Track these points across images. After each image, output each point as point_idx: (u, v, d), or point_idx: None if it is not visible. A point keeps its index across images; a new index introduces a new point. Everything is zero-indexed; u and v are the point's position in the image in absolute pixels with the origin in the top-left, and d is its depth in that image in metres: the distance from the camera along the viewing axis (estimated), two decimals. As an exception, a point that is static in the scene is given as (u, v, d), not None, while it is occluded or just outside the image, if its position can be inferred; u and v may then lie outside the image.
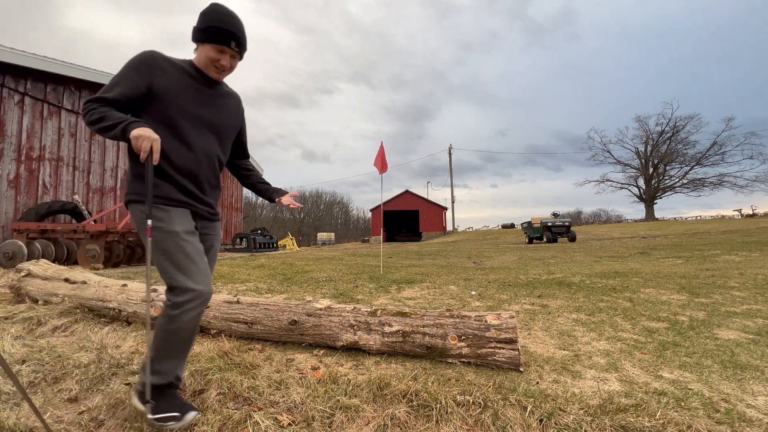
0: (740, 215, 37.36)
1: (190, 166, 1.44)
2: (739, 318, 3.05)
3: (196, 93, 1.46)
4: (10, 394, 1.69)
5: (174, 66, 1.44)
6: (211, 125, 1.50)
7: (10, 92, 8.02)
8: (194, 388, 1.75)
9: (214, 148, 1.52)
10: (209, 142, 1.50)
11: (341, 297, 4.09)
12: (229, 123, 1.59)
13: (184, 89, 1.43)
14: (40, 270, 3.60)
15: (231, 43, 1.42)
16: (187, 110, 1.43)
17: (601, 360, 2.18)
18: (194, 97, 1.45)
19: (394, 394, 1.64)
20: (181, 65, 1.46)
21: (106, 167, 10.40)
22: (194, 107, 1.45)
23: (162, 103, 1.38)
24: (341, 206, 77.74)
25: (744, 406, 1.62)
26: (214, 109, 1.51)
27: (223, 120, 1.55)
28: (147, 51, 1.42)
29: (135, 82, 1.36)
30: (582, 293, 4.18)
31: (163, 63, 1.41)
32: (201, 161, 1.47)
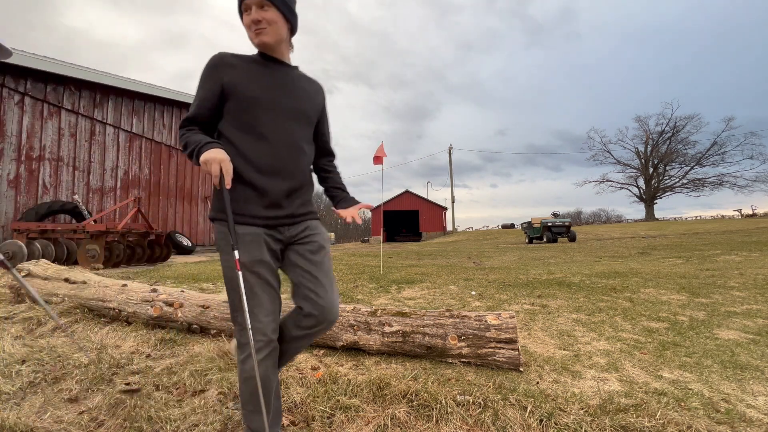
0: (740, 215, 37.36)
1: (269, 161, 1.26)
2: (739, 318, 3.05)
3: (267, 78, 1.31)
4: (10, 394, 1.69)
5: (242, 59, 1.33)
6: (288, 111, 1.32)
7: (10, 92, 8.02)
8: (194, 388, 1.75)
9: (296, 137, 1.32)
10: (289, 130, 1.31)
11: (341, 297, 4.10)
12: (309, 108, 1.37)
13: (255, 77, 1.30)
14: (40, 270, 3.60)
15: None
16: (260, 98, 1.29)
17: (601, 360, 2.18)
18: (266, 83, 1.31)
19: (394, 394, 1.64)
20: (248, 57, 1.36)
21: (106, 167, 10.41)
22: (267, 93, 1.30)
23: (235, 99, 1.28)
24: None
25: (744, 406, 1.62)
26: (289, 94, 1.33)
27: (301, 105, 1.35)
28: (215, 54, 1.33)
29: (209, 88, 1.28)
30: (582, 293, 4.18)
31: (231, 59, 1.32)
32: (281, 153, 1.28)
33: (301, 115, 1.35)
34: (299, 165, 1.32)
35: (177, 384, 1.79)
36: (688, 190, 41.44)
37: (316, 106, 1.42)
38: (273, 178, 1.26)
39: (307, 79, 1.42)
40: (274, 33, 1.29)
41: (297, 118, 1.33)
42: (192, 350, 2.26)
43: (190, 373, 1.87)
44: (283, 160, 1.29)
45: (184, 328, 2.57)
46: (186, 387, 1.76)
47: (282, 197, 1.28)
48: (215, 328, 2.48)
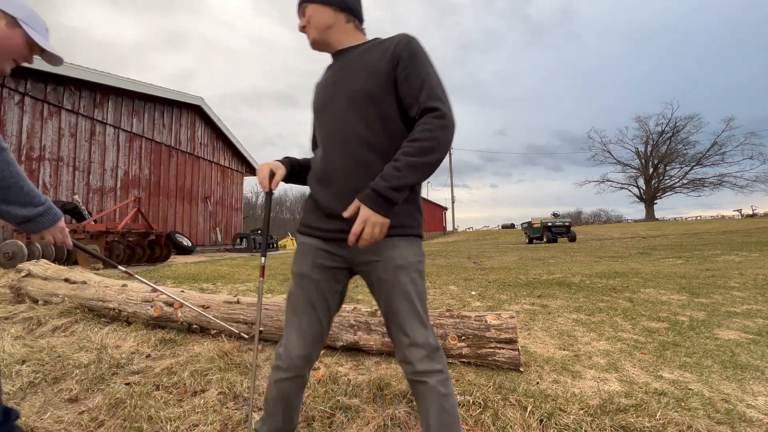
0: (740, 215, 37.37)
1: (321, 166, 1.15)
2: (739, 318, 3.05)
3: (326, 81, 1.22)
4: (10, 394, 1.69)
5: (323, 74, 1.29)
6: (342, 103, 1.14)
7: (11, 92, 8.02)
8: (194, 389, 1.75)
9: (349, 130, 1.10)
10: (342, 125, 1.12)
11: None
12: (367, 83, 1.10)
13: (319, 88, 1.25)
14: (40, 270, 3.60)
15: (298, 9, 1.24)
16: (317, 107, 1.21)
17: (601, 360, 2.18)
18: (323, 89, 1.22)
19: (394, 394, 1.65)
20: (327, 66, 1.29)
21: (106, 167, 10.41)
22: (321, 97, 1.21)
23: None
24: (341, 206, 77.62)
25: (744, 406, 1.62)
26: (345, 81, 1.16)
27: (356, 84, 1.12)
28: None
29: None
30: (582, 293, 4.18)
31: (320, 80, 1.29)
32: (332, 156, 1.12)
33: (358, 96, 1.11)
34: (358, 164, 1.08)
35: (177, 384, 1.79)
36: (688, 190, 41.50)
37: (381, 72, 1.09)
38: (324, 185, 1.13)
39: (375, 46, 1.16)
40: (314, 27, 1.19)
41: (352, 104, 1.12)
42: (192, 350, 2.26)
43: (190, 373, 1.87)
44: (334, 163, 1.12)
45: (184, 328, 2.57)
46: (186, 387, 1.76)
47: (336, 205, 1.07)
48: (215, 328, 2.48)
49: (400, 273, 1.04)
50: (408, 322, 1.05)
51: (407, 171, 0.97)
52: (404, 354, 1.06)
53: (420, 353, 1.03)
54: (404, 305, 1.05)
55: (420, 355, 1.03)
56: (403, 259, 1.05)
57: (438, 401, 1.03)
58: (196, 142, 14.44)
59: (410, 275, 1.05)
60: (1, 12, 1.06)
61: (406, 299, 1.04)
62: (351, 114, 1.11)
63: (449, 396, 1.04)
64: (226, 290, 4.38)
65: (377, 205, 0.96)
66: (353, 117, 1.10)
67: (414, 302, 1.05)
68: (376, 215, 0.96)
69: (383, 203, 0.96)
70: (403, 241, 1.07)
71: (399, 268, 1.04)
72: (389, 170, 0.98)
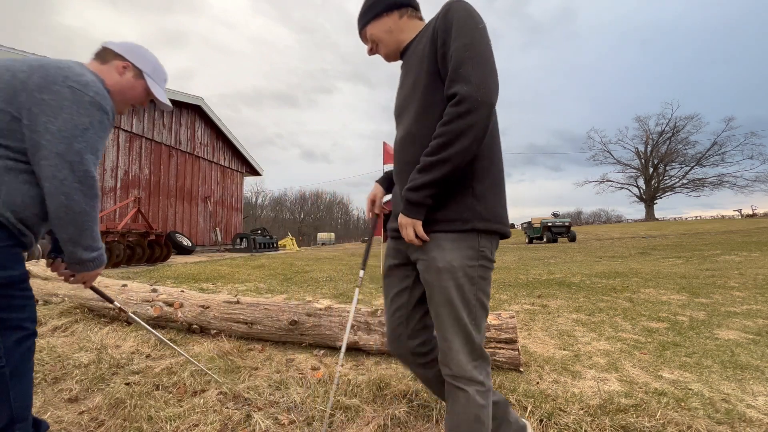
0: (740, 215, 37.38)
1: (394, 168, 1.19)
2: (739, 318, 3.05)
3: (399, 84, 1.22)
4: (10, 394, 1.69)
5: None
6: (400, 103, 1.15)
7: (10, 92, 8.03)
8: (194, 389, 1.75)
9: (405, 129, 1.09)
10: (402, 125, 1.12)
11: (341, 297, 4.09)
12: (419, 67, 1.06)
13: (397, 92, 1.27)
14: (40, 270, 3.60)
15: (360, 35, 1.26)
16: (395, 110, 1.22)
17: (601, 360, 2.18)
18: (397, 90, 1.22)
19: (394, 394, 1.65)
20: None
21: (106, 167, 10.41)
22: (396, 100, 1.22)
23: None
24: (341, 206, 77.83)
25: (744, 406, 1.62)
26: (403, 81, 1.16)
27: (412, 74, 1.09)
28: None
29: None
30: (582, 293, 4.19)
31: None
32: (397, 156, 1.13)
33: (414, 86, 1.07)
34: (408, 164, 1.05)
35: (177, 384, 1.79)
36: (688, 190, 41.50)
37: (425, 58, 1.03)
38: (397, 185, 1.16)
39: (424, 30, 1.12)
40: (380, 42, 1.19)
41: (411, 94, 1.08)
42: (192, 350, 2.27)
43: (190, 373, 1.87)
44: (399, 162, 1.12)
45: (184, 328, 2.57)
46: (186, 387, 1.76)
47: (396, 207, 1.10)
48: (215, 328, 2.48)
49: (443, 276, 0.99)
50: (448, 328, 1.01)
51: (425, 171, 0.95)
52: (442, 357, 1.04)
53: (458, 360, 1.00)
54: (444, 310, 1.01)
55: (458, 362, 1.00)
56: (445, 261, 0.99)
57: (473, 411, 0.99)
58: (196, 142, 14.44)
59: (456, 279, 0.99)
60: (131, 64, 1.25)
61: (447, 304, 1.00)
62: (408, 113, 1.08)
63: (484, 408, 1.00)
64: (226, 290, 4.38)
65: (404, 206, 0.99)
66: (409, 116, 1.08)
67: (456, 308, 0.99)
68: (403, 216, 0.99)
69: (407, 204, 0.98)
70: (448, 238, 1.00)
71: (441, 271, 0.99)
72: (414, 171, 0.98)
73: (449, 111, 0.93)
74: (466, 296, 1.00)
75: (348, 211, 79.92)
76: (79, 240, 1.09)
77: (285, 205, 66.67)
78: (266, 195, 62.34)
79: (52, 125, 0.99)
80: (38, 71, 1.01)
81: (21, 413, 1.07)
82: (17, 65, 1.02)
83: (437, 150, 0.94)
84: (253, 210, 56.21)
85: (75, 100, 1.02)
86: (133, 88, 1.27)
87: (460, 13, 0.97)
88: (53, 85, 1.00)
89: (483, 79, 0.91)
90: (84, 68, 1.11)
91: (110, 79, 1.21)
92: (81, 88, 1.03)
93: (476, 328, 1.01)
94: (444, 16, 0.99)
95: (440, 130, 0.94)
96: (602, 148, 45.95)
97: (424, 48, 1.05)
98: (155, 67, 1.33)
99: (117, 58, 1.25)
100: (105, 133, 1.11)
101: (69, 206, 1.02)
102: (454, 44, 0.95)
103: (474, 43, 0.94)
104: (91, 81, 1.08)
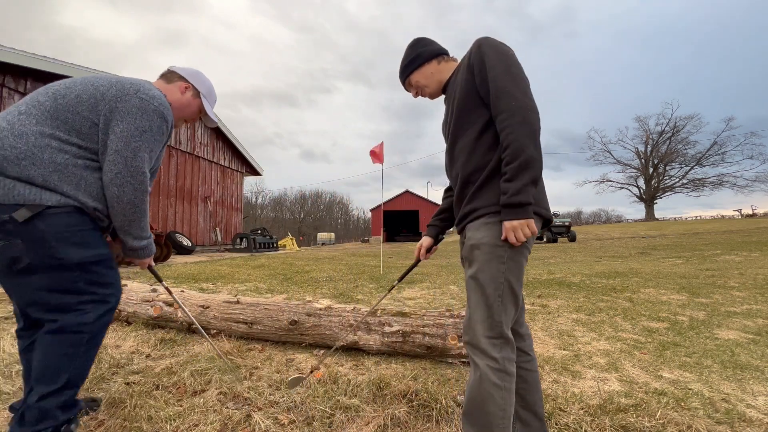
0: (740, 215, 37.38)
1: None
2: (739, 318, 3.05)
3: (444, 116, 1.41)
4: (10, 394, 1.69)
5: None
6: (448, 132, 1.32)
7: (11, 92, 8.02)
8: (194, 389, 1.75)
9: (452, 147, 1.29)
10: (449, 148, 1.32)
11: (341, 297, 4.10)
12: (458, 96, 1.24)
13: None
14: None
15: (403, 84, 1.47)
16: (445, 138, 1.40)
17: (601, 360, 2.18)
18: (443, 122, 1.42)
19: (394, 394, 1.64)
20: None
21: (106, 167, 10.39)
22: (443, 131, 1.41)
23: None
24: (341, 206, 77.83)
25: (744, 406, 1.62)
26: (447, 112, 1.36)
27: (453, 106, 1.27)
28: None
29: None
30: (582, 293, 4.19)
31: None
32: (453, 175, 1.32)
33: (455, 113, 1.25)
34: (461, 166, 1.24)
35: (177, 384, 1.79)
36: (688, 190, 41.51)
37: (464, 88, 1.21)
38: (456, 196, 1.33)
39: (459, 66, 1.30)
40: (428, 87, 1.40)
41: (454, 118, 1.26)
42: (192, 350, 2.26)
43: (190, 373, 1.87)
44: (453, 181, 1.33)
45: (184, 328, 2.57)
46: (186, 387, 1.76)
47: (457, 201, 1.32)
48: (215, 328, 2.48)
49: (473, 253, 1.15)
50: (471, 302, 1.14)
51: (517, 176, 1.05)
52: (464, 325, 1.16)
53: (475, 332, 1.11)
54: (470, 283, 1.15)
55: (475, 334, 1.11)
56: (475, 239, 1.15)
57: (486, 388, 1.06)
58: (196, 142, 14.44)
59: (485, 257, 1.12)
60: (191, 86, 1.49)
61: (471, 280, 1.14)
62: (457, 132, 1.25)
63: (499, 389, 1.06)
64: (226, 290, 4.38)
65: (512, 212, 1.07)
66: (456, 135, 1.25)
67: (483, 287, 1.11)
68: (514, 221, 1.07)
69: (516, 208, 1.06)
70: (477, 223, 1.17)
71: (472, 248, 1.15)
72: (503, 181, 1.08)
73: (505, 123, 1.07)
74: (492, 275, 1.11)
75: (348, 211, 79.97)
76: (129, 229, 1.27)
77: (285, 205, 66.72)
78: (266, 195, 62.38)
79: (118, 127, 1.17)
80: (116, 86, 1.21)
81: (76, 381, 1.22)
82: (100, 81, 1.22)
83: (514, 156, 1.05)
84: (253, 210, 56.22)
85: (141, 107, 1.20)
86: (190, 106, 1.50)
87: (489, 47, 1.17)
88: (126, 95, 1.20)
89: (523, 91, 1.09)
90: (152, 85, 1.31)
91: (172, 96, 1.44)
92: (148, 99, 1.22)
93: (500, 306, 1.10)
94: (476, 52, 1.18)
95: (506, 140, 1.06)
96: (602, 148, 46.00)
97: (461, 81, 1.23)
98: (210, 90, 1.56)
99: (180, 80, 1.48)
100: (162, 137, 1.29)
101: (120, 197, 1.19)
102: (490, 73, 1.12)
103: (506, 63, 1.13)
104: (158, 95, 1.27)
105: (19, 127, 1.12)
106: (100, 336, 1.27)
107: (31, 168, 1.10)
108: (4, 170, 1.09)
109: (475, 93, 1.17)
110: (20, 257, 1.11)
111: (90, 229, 1.21)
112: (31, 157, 1.10)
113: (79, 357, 1.20)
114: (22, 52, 7.86)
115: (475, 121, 1.18)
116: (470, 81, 1.19)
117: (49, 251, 1.13)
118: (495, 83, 1.10)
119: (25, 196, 1.09)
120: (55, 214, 1.13)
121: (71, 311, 1.19)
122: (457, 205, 1.29)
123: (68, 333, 1.18)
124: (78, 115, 1.16)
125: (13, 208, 1.08)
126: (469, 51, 1.23)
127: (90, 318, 1.21)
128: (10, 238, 1.10)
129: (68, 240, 1.15)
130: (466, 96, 1.20)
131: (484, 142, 1.16)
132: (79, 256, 1.18)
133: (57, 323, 1.18)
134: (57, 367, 1.18)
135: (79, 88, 1.19)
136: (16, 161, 1.09)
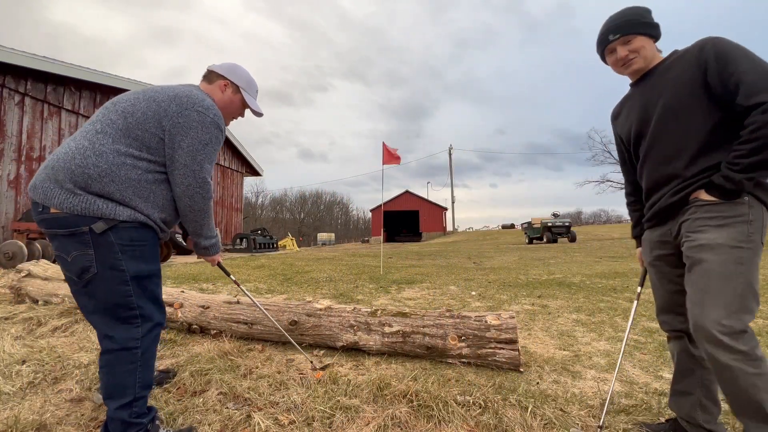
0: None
1: (646, 185, 1.38)
2: (739, 318, 3.05)
3: (635, 107, 1.37)
4: (10, 394, 1.69)
5: (622, 103, 1.48)
6: (647, 119, 1.30)
7: (11, 93, 8.02)
8: (194, 389, 1.75)
9: (667, 141, 1.26)
10: (659, 141, 1.28)
11: (341, 297, 4.10)
12: (674, 93, 1.21)
13: (627, 117, 1.41)
14: (40, 270, 3.60)
15: (609, 38, 1.35)
16: (629, 129, 1.38)
17: (602, 360, 2.18)
18: (627, 115, 1.40)
19: (394, 395, 1.64)
20: (627, 94, 1.46)
21: (106, 167, 10.40)
22: (632, 119, 1.37)
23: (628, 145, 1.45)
24: (341, 206, 77.77)
25: (744, 407, 1.62)
26: (654, 100, 1.28)
27: (665, 100, 1.24)
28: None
29: (617, 144, 1.55)
30: (582, 293, 4.19)
31: (617, 109, 1.50)
32: (652, 176, 1.33)
33: (667, 111, 1.23)
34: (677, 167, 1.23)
35: (177, 384, 1.79)
36: (688, 190, 41.36)
37: (687, 84, 1.19)
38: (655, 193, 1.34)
39: (675, 61, 1.26)
40: (643, 58, 1.32)
41: (668, 114, 1.23)
42: (192, 350, 2.26)
43: (190, 373, 1.87)
44: (653, 181, 1.33)
45: (184, 329, 2.57)
46: (186, 387, 1.76)
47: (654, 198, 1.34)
48: (215, 328, 2.48)
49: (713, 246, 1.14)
50: (700, 297, 1.14)
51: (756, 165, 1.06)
52: (692, 322, 1.16)
53: (715, 330, 1.09)
54: (703, 274, 1.14)
55: (716, 331, 1.09)
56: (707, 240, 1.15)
57: (744, 379, 1.06)
58: (196, 143, 14.42)
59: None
60: (230, 82, 1.53)
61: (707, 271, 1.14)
62: (670, 130, 1.23)
63: (761, 376, 1.06)
64: (226, 290, 4.38)
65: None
66: (672, 131, 1.23)
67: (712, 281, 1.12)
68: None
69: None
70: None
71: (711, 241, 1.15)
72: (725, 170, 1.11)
73: (756, 119, 1.05)
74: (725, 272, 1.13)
75: (348, 211, 79.92)
76: (200, 232, 1.42)
77: (285, 206, 66.69)
78: (266, 195, 62.36)
79: (183, 142, 1.28)
80: (175, 100, 1.30)
81: (143, 391, 1.30)
82: (160, 96, 1.31)
83: (753, 153, 1.05)
84: (253, 210, 56.19)
85: (200, 121, 1.31)
86: (233, 103, 1.55)
87: (729, 45, 1.13)
88: (185, 110, 1.30)
89: None
90: (202, 92, 1.40)
91: (216, 97, 1.50)
92: (205, 111, 1.33)
93: (740, 302, 1.11)
94: (712, 47, 1.14)
95: (748, 136, 1.06)
96: (603, 149, 45.88)
97: (683, 76, 1.19)
98: (248, 81, 1.58)
99: (219, 78, 1.52)
100: (219, 146, 1.40)
101: (191, 206, 1.33)
102: (738, 68, 1.08)
103: (758, 62, 1.09)
104: (210, 105, 1.36)
105: (99, 146, 1.23)
106: (152, 349, 1.34)
107: (110, 185, 1.22)
108: (89, 187, 1.20)
109: (703, 91, 1.16)
110: (90, 267, 1.22)
111: (149, 244, 1.31)
112: (111, 175, 1.21)
113: (138, 371, 1.28)
114: (22, 52, 7.87)
115: (696, 123, 1.19)
116: (698, 79, 1.16)
117: (115, 262, 1.23)
118: (748, 83, 1.07)
119: (103, 211, 1.20)
120: (124, 228, 1.24)
121: (124, 324, 1.27)
122: (656, 196, 1.33)
123: (122, 351, 1.27)
124: (147, 132, 1.27)
125: (92, 221, 1.20)
126: (696, 48, 1.19)
127: (139, 333, 1.29)
128: (83, 248, 1.21)
129: (131, 253, 1.26)
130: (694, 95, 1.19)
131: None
132: (135, 269, 1.27)
133: (111, 341, 1.27)
134: (123, 385, 1.26)
135: (143, 105, 1.29)
136: (99, 179, 1.20)
